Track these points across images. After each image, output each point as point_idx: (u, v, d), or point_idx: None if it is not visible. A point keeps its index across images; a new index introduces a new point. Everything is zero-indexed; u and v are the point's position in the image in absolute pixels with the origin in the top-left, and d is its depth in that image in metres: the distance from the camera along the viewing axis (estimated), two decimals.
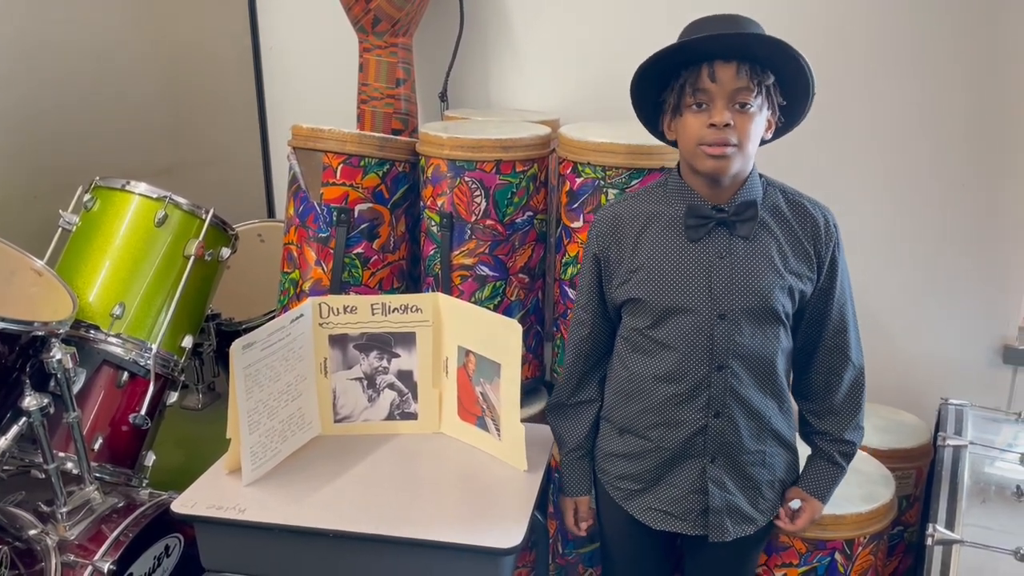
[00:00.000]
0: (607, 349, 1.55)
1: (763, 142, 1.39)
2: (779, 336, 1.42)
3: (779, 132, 1.41)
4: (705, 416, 1.42)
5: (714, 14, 1.32)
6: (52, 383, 1.63)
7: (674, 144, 1.42)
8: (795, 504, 1.54)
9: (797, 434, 1.55)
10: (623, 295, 1.45)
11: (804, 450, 1.56)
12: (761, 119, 1.33)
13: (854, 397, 1.50)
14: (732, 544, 1.48)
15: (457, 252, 1.92)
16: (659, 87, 1.38)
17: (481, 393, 1.64)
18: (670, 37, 1.33)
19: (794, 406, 1.53)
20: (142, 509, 1.71)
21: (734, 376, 1.40)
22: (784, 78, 1.34)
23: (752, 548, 1.60)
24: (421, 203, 1.99)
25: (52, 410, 1.60)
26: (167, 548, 1.77)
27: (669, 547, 1.63)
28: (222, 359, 2.32)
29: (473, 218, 1.89)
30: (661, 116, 1.42)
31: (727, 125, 1.29)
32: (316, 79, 2.70)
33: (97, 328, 1.79)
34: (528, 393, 2.06)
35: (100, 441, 1.79)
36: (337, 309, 1.66)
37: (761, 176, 1.43)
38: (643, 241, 1.43)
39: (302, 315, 1.62)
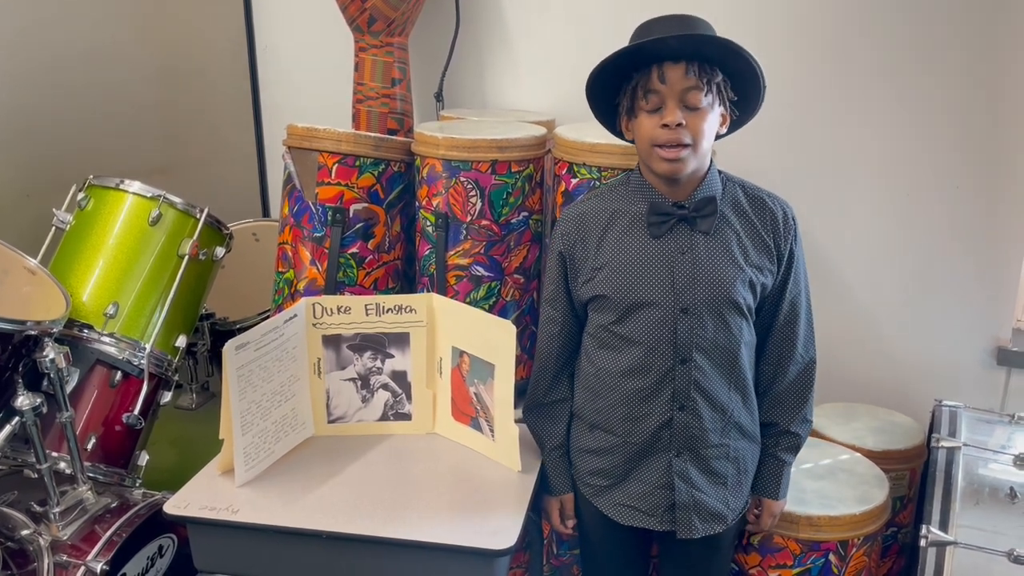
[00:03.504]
0: (576, 346, 1.57)
1: (718, 136, 1.42)
2: (742, 329, 1.44)
3: (735, 125, 1.44)
4: (670, 409, 1.45)
5: (664, 15, 1.35)
6: (45, 383, 1.63)
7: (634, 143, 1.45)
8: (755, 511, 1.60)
9: None
10: (589, 292, 1.47)
11: None
12: (714, 116, 1.36)
13: (800, 389, 1.53)
14: (703, 541, 1.50)
15: (452, 252, 1.92)
16: (615, 90, 1.42)
17: (475, 394, 1.64)
18: None
19: None
20: (135, 509, 1.71)
21: (698, 369, 1.43)
22: (734, 72, 1.37)
23: (724, 545, 1.61)
24: (416, 203, 1.99)
25: (45, 410, 1.60)
26: (160, 548, 1.76)
27: (645, 544, 1.64)
28: (216, 359, 2.31)
29: (468, 218, 1.89)
30: (618, 118, 1.45)
31: (679, 124, 1.32)
32: (311, 78, 2.70)
33: (91, 327, 1.79)
34: (522, 394, 2.05)
35: (93, 441, 1.78)
36: (331, 309, 1.66)
37: (720, 172, 1.45)
38: (607, 239, 1.46)
39: (296, 315, 1.62)
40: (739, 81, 1.38)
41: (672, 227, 1.42)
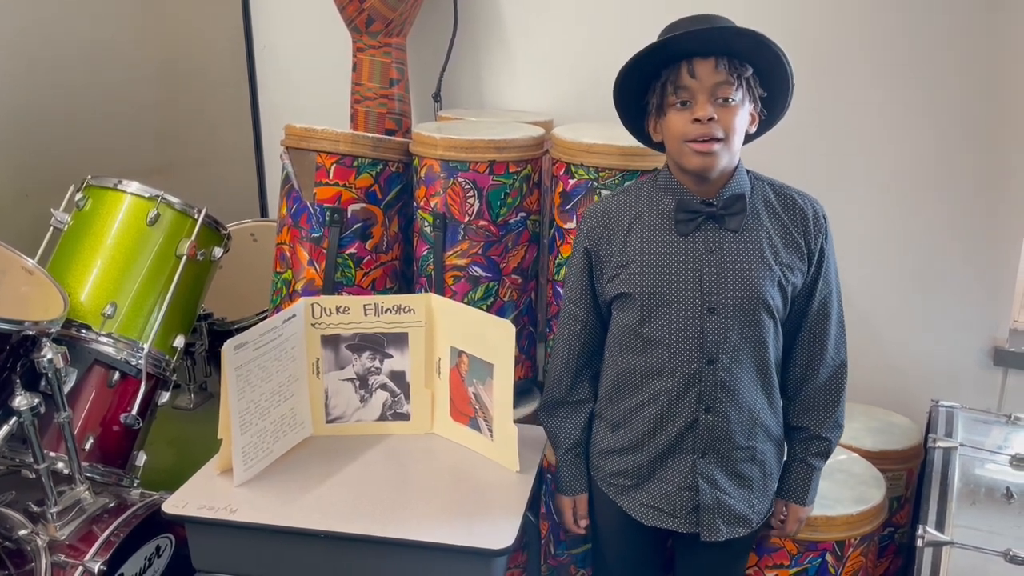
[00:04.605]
0: (599, 344, 1.55)
1: (749, 138, 1.41)
2: (770, 330, 1.43)
3: (763, 126, 1.43)
4: (696, 411, 1.43)
5: (689, 15, 1.35)
6: (43, 383, 1.62)
7: (659, 147, 1.44)
8: (781, 516, 1.57)
9: None
10: (613, 290, 1.46)
11: None
12: (744, 112, 1.35)
13: (832, 392, 1.51)
14: (723, 544, 1.49)
15: (450, 253, 1.92)
16: (641, 90, 1.41)
17: (474, 394, 1.64)
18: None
19: None
20: (133, 509, 1.71)
21: (724, 370, 1.41)
22: (763, 70, 1.36)
23: (743, 549, 1.61)
24: (414, 203, 1.99)
25: (43, 410, 1.60)
26: (158, 548, 1.76)
27: (660, 547, 1.63)
28: (214, 359, 2.31)
29: (466, 219, 1.89)
30: (646, 118, 1.44)
31: (711, 119, 1.31)
32: (310, 79, 2.70)
33: (88, 328, 1.79)
34: (521, 394, 2.05)
35: (91, 441, 1.78)
36: (330, 309, 1.66)
37: (748, 171, 1.44)
38: (632, 236, 1.44)
39: (294, 315, 1.62)
40: (766, 79, 1.37)
41: (700, 225, 1.40)
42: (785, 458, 1.56)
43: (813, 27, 2.15)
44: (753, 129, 1.41)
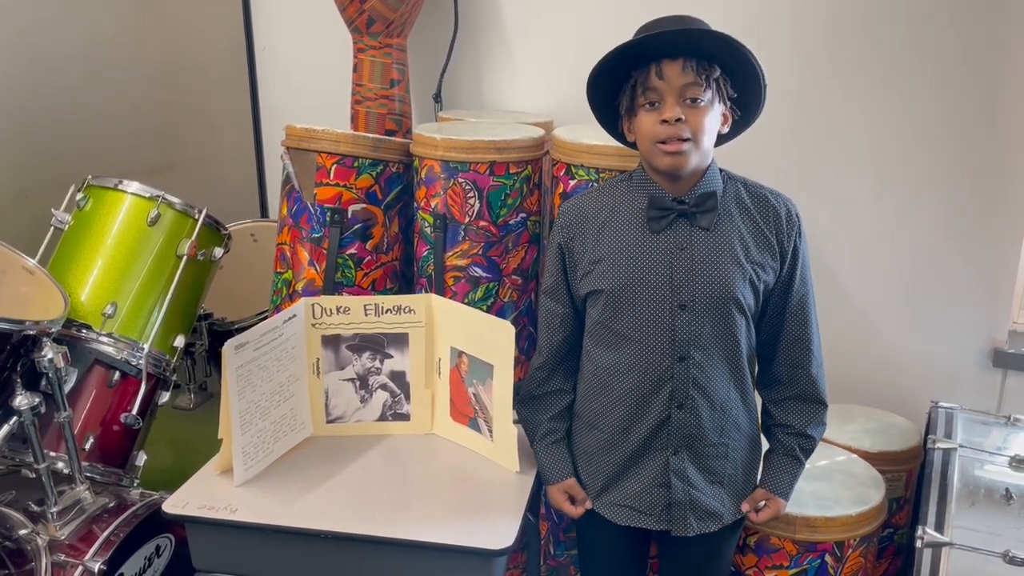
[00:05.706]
0: (577, 339, 1.55)
1: (723, 139, 1.42)
2: (741, 327, 1.43)
3: (738, 126, 1.44)
4: (668, 408, 1.44)
5: (663, 16, 1.36)
6: (43, 382, 1.63)
7: (635, 146, 1.45)
8: (760, 505, 1.54)
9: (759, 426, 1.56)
10: (586, 287, 1.47)
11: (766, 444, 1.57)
12: (714, 113, 1.36)
13: (817, 393, 1.51)
14: (702, 541, 1.50)
15: (450, 253, 1.92)
16: (615, 91, 1.42)
17: (474, 394, 1.64)
18: None
19: (757, 398, 1.55)
20: (133, 509, 1.71)
21: (696, 367, 1.42)
22: (735, 70, 1.37)
23: (723, 545, 1.59)
24: (415, 204, 1.99)
25: (43, 409, 1.60)
26: (158, 548, 1.76)
27: (643, 544, 1.62)
28: (214, 359, 2.32)
29: (466, 219, 1.90)
30: (619, 120, 1.45)
31: (679, 120, 1.32)
32: (310, 79, 2.70)
33: (89, 327, 1.79)
34: None
35: (91, 441, 1.78)
36: (330, 310, 1.66)
37: (721, 170, 1.45)
38: (605, 233, 1.45)
39: (295, 315, 1.62)
40: (740, 79, 1.38)
41: (672, 222, 1.41)
42: (768, 449, 1.56)
43: (811, 28, 2.15)
44: (726, 129, 1.42)
